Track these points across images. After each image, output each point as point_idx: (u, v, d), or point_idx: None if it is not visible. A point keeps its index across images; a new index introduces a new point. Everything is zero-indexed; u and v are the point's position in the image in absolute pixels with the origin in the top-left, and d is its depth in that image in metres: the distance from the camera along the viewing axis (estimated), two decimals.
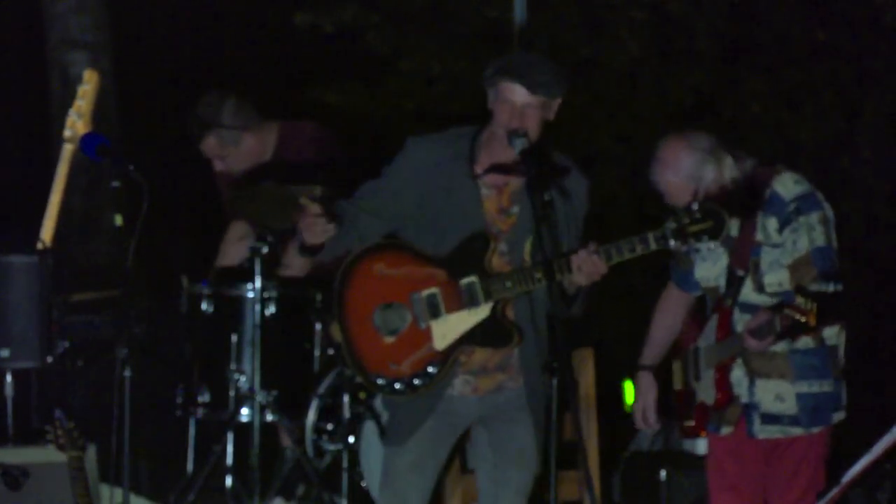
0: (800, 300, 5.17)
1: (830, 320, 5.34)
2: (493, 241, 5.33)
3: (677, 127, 10.50)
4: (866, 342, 5.81)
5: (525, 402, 5.44)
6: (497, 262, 5.35)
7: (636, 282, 9.52)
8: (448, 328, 5.34)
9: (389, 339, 5.36)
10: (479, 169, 5.35)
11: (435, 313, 5.34)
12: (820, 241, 5.36)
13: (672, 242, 5.17)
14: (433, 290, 5.34)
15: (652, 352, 5.76)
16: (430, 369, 5.35)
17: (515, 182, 5.35)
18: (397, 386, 5.36)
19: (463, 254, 5.32)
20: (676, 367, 5.71)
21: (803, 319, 5.17)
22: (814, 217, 5.37)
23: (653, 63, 10.52)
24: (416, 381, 5.35)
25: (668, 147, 5.53)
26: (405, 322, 5.35)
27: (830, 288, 5.33)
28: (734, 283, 5.46)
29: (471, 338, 5.35)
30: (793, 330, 5.23)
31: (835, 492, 5.09)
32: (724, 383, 5.49)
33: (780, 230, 5.38)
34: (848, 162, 10.18)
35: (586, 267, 5.17)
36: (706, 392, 5.54)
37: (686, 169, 5.48)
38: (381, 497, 5.52)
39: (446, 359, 5.35)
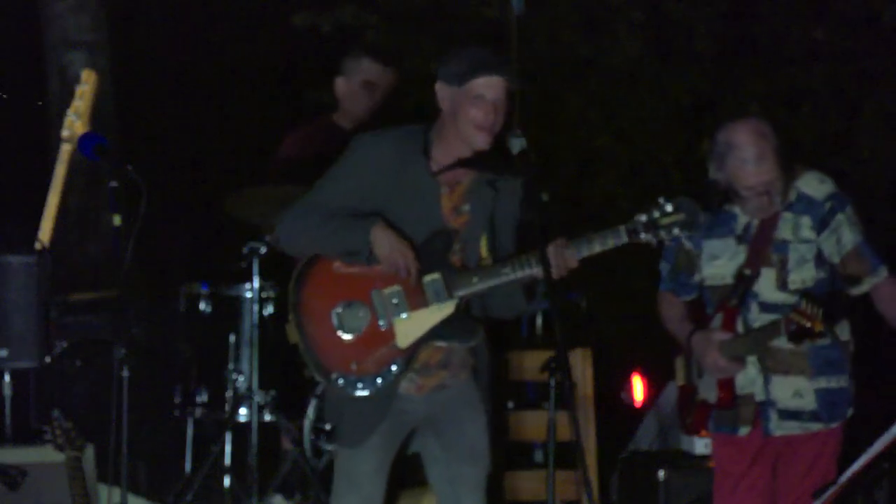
0: (805, 304, 5.18)
1: (838, 319, 5.37)
2: (455, 238, 5.33)
3: (676, 127, 10.54)
4: (866, 342, 5.79)
5: (471, 399, 5.44)
6: (454, 259, 5.35)
7: (634, 283, 9.52)
8: (411, 326, 5.31)
9: (350, 338, 5.31)
10: (433, 166, 5.33)
11: (398, 311, 5.31)
12: (861, 234, 5.43)
13: (643, 235, 5.20)
14: (395, 287, 5.31)
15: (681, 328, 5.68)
16: (394, 367, 5.32)
17: (467, 180, 5.35)
18: (359, 385, 5.31)
19: (425, 251, 5.29)
20: (679, 363, 5.70)
21: (808, 324, 5.18)
22: (849, 211, 5.42)
23: (652, 63, 10.53)
24: (378, 381, 5.31)
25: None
26: (366, 320, 5.31)
27: (885, 273, 5.39)
28: (741, 282, 5.45)
29: (435, 335, 5.33)
30: (799, 335, 5.24)
31: (833, 491, 5.09)
32: (726, 382, 5.48)
33: (818, 230, 5.39)
34: (847, 162, 10.18)
35: (557, 261, 5.19)
36: (708, 390, 5.54)
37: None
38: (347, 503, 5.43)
39: (410, 357, 5.33)
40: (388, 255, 5.22)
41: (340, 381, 5.32)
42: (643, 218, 5.20)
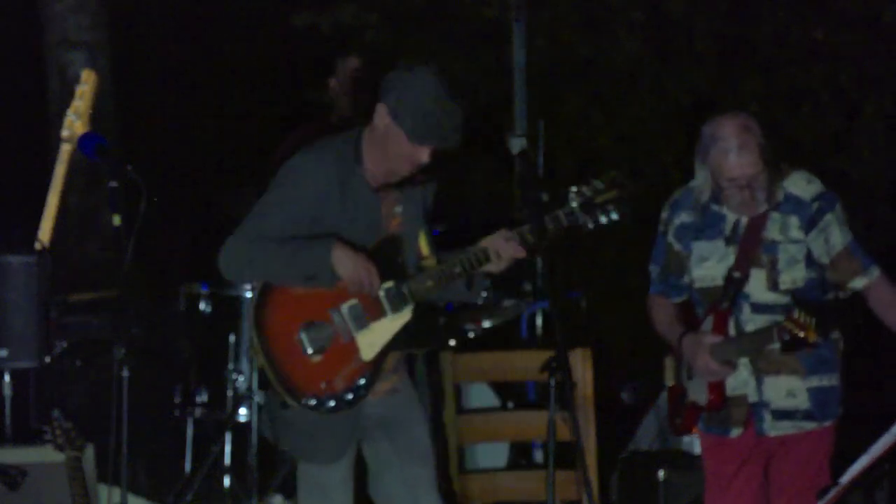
0: (798, 314, 5.18)
1: (832, 328, 5.36)
2: (402, 244, 5.35)
3: (676, 127, 10.53)
4: (866, 342, 5.80)
5: (415, 402, 5.51)
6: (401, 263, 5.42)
7: (634, 283, 9.51)
8: (373, 337, 5.34)
9: (317, 358, 5.33)
10: (369, 177, 5.36)
11: (358, 325, 5.34)
12: (850, 233, 5.42)
13: (581, 218, 5.29)
14: (353, 301, 5.33)
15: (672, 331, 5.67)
16: (361, 381, 5.35)
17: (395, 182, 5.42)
18: (331, 404, 5.34)
19: (376, 260, 5.32)
20: (669, 363, 5.70)
21: (802, 334, 5.18)
22: (838, 211, 5.41)
23: (652, 63, 10.53)
24: (349, 396, 5.34)
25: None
26: (330, 338, 5.33)
27: (876, 273, 5.38)
28: (731, 285, 5.44)
29: (397, 343, 5.36)
30: (792, 344, 5.24)
31: (835, 492, 5.08)
32: (717, 385, 5.47)
33: (806, 230, 5.39)
34: (847, 162, 10.18)
35: (505, 253, 5.30)
36: (698, 392, 5.52)
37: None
38: None
39: (376, 368, 5.37)
40: (352, 274, 5.25)
41: (313, 402, 5.34)
42: (577, 199, 5.26)
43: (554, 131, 9.86)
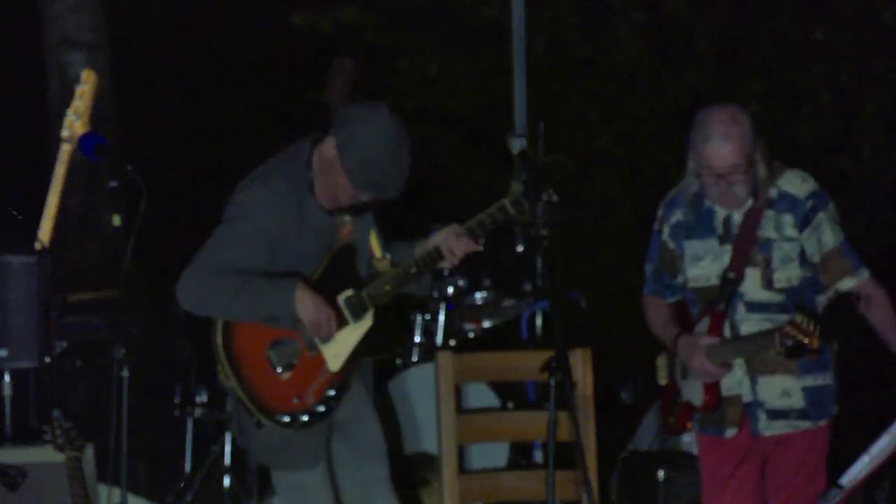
0: (801, 319, 5.16)
1: (832, 336, 5.35)
2: (357, 251, 5.42)
3: (676, 127, 10.52)
4: (866, 342, 5.80)
5: (367, 401, 5.59)
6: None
7: (634, 283, 9.51)
8: (338, 348, 5.41)
9: (286, 375, 5.40)
10: (322, 200, 5.42)
11: (323, 337, 5.38)
12: (842, 233, 5.42)
13: (525, 203, 5.36)
14: None
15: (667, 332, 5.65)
16: (331, 393, 5.42)
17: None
18: (304, 418, 5.42)
19: (333, 271, 5.40)
20: (661, 362, 5.69)
21: (806, 340, 5.16)
22: (831, 210, 5.41)
23: (652, 63, 10.52)
24: (321, 409, 5.43)
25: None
26: (297, 353, 5.40)
27: (866, 275, 5.38)
28: (726, 285, 5.43)
29: (362, 350, 5.43)
30: (795, 350, 5.22)
31: (836, 494, 5.07)
32: (712, 385, 5.47)
33: (800, 228, 5.39)
34: (847, 162, 10.17)
35: (458, 249, 5.41)
36: (693, 393, 5.52)
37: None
38: None
39: (345, 378, 5.44)
40: (312, 317, 5.31)
41: (286, 419, 5.42)
42: (521, 187, 5.34)
43: (554, 131, 9.87)
